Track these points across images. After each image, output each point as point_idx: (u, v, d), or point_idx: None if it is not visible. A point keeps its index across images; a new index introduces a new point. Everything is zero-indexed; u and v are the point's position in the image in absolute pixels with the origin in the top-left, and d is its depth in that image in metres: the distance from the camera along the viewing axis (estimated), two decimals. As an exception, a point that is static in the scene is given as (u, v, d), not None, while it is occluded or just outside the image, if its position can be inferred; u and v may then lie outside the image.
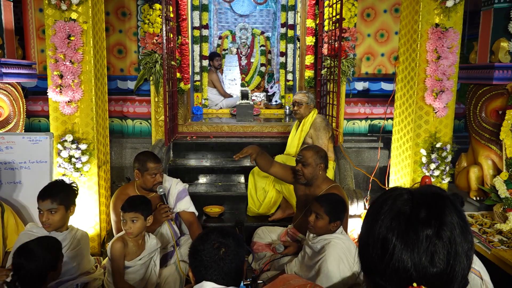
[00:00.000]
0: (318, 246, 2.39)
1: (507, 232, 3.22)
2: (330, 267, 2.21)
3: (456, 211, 0.85)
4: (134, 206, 2.42)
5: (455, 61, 3.35)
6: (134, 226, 2.40)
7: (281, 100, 7.07)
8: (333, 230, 2.39)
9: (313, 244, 2.42)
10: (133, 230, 2.40)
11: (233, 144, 4.59)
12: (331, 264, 2.22)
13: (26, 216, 3.00)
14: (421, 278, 0.80)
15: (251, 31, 7.95)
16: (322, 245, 2.36)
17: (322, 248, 2.34)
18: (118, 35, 4.72)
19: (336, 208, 2.40)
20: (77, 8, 3.14)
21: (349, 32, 4.52)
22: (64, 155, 3.21)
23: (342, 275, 2.21)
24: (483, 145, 3.77)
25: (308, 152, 2.91)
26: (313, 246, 2.43)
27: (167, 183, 2.99)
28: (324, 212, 2.37)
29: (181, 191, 3.00)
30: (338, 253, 2.25)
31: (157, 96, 4.40)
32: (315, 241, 2.41)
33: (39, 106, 4.82)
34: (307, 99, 3.85)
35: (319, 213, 2.38)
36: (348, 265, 2.24)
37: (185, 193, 3.02)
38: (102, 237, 3.38)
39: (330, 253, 2.25)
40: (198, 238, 1.54)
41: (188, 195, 3.03)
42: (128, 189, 2.87)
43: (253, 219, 3.73)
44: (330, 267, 2.21)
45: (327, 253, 2.26)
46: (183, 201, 2.98)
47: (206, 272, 1.44)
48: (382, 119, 5.03)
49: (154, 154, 2.89)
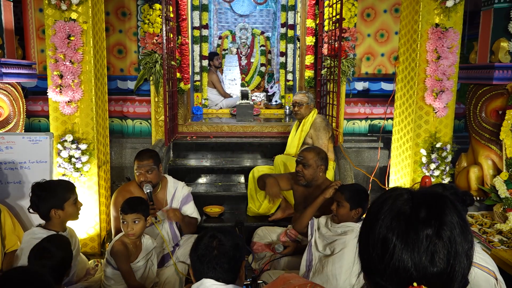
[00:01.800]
0: (339, 231, 2.42)
1: (507, 232, 3.22)
2: (347, 251, 2.25)
3: (456, 210, 0.85)
4: (135, 208, 2.41)
5: (455, 61, 3.35)
6: (136, 227, 2.40)
7: (281, 100, 7.07)
8: (355, 217, 2.44)
9: (334, 228, 2.45)
10: (135, 231, 2.41)
11: (233, 144, 4.59)
12: (349, 249, 2.25)
13: (25, 217, 2.99)
14: (421, 278, 0.80)
15: (251, 31, 7.95)
16: (343, 231, 2.39)
17: (343, 233, 2.37)
18: (118, 35, 4.72)
19: (356, 195, 2.45)
20: (77, 8, 3.14)
21: (349, 32, 4.52)
22: (64, 155, 3.21)
23: (354, 265, 2.23)
24: (483, 145, 3.77)
25: (309, 154, 2.91)
26: (333, 230, 2.45)
27: (172, 185, 3.00)
28: (345, 199, 2.44)
29: (187, 195, 3.03)
30: None
31: (157, 96, 4.40)
32: (338, 225, 2.44)
33: (39, 106, 4.81)
34: (307, 99, 3.85)
35: (339, 201, 2.46)
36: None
37: (190, 197, 3.06)
38: (102, 237, 3.39)
39: (352, 238, 2.29)
40: (197, 237, 1.58)
41: (192, 200, 3.07)
42: (130, 186, 2.89)
43: (253, 219, 3.72)
44: (347, 251, 2.25)
45: (348, 238, 2.30)
46: (188, 205, 3.01)
47: (204, 270, 1.46)
48: (382, 119, 5.03)
49: (146, 152, 2.85)
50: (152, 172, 2.78)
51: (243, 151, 4.58)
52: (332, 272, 2.25)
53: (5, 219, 2.73)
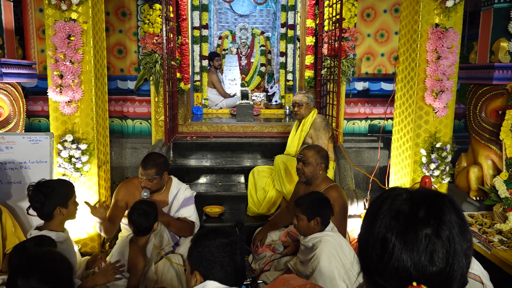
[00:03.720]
0: (310, 244, 2.43)
1: (507, 232, 3.22)
2: (322, 264, 2.26)
3: (455, 210, 0.85)
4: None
5: (455, 61, 3.35)
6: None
7: (281, 100, 7.07)
8: (317, 227, 2.42)
9: (305, 242, 2.46)
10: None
11: (233, 144, 4.59)
12: (323, 260, 2.26)
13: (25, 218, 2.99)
14: (420, 277, 0.80)
15: (251, 31, 7.94)
16: (313, 243, 2.40)
17: (314, 246, 2.38)
18: (118, 35, 4.72)
19: (312, 205, 2.43)
20: (77, 8, 3.14)
21: (349, 32, 4.52)
22: (64, 155, 3.21)
23: (335, 271, 2.25)
24: (483, 145, 3.77)
25: (309, 151, 2.95)
26: (306, 245, 2.47)
27: (176, 186, 3.01)
28: (300, 212, 2.43)
29: (188, 197, 3.01)
30: (329, 250, 2.29)
31: (157, 96, 4.40)
32: (307, 240, 2.45)
33: (39, 106, 4.82)
34: (307, 100, 3.85)
35: (297, 215, 2.45)
36: (341, 261, 2.29)
37: (191, 200, 3.03)
38: (102, 237, 3.39)
39: (322, 250, 2.30)
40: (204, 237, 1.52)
41: (193, 204, 3.04)
42: (135, 179, 2.95)
43: (253, 219, 3.73)
44: (322, 263, 2.26)
45: (318, 251, 2.31)
46: (187, 208, 2.99)
47: (211, 271, 1.43)
48: (382, 119, 5.03)
49: (151, 160, 2.82)
50: (152, 181, 2.79)
51: (243, 151, 4.58)
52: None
53: (6, 220, 2.74)
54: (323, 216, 2.42)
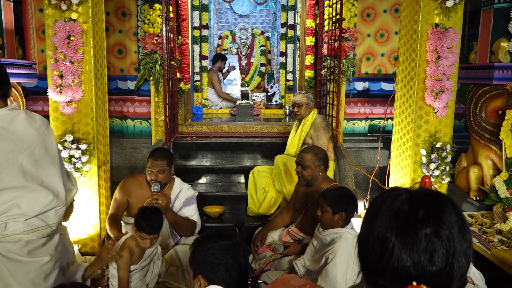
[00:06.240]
0: (328, 239, 2.42)
1: (507, 232, 3.22)
2: (338, 259, 2.24)
3: (455, 210, 0.85)
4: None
5: (455, 61, 3.35)
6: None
7: (281, 100, 7.07)
8: (340, 222, 2.42)
9: (323, 236, 2.45)
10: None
11: (233, 144, 4.59)
12: (340, 256, 2.25)
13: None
14: (420, 277, 0.80)
15: (251, 31, 7.94)
16: (332, 238, 2.39)
17: (332, 240, 2.37)
18: (118, 35, 4.72)
19: (339, 199, 2.44)
20: (77, 8, 3.14)
21: (349, 32, 4.52)
22: (64, 155, 3.20)
23: (348, 270, 2.23)
24: (483, 145, 3.76)
25: (306, 155, 2.94)
26: (323, 239, 2.46)
27: (178, 185, 3.02)
28: (326, 204, 2.43)
29: (190, 197, 3.03)
30: (347, 247, 2.28)
31: (157, 96, 4.40)
32: (326, 233, 2.44)
33: (39, 106, 4.81)
34: (307, 100, 3.85)
35: (322, 206, 2.45)
36: (354, 261, 2.26)
37: (193, 200, 3.05)
38: (102, 237, 3.39)
39: (340, 246, 2.29)
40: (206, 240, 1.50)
41: (195, 203, 3.05)
42: (140, 176, 2.97)
43: (253, 219, 3.73)
44: (338, 259, 2.24)
45: (336, 246, 2.30)
46: (189, 207, 3.00)
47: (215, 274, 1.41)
48: (382, 119, 5.03)
49: (161, 152, 2.86)
50: (164, 173, 2.82)
51: (243, 151, 4.58)
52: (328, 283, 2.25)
53: None
54: (348, 212, 2.44)
